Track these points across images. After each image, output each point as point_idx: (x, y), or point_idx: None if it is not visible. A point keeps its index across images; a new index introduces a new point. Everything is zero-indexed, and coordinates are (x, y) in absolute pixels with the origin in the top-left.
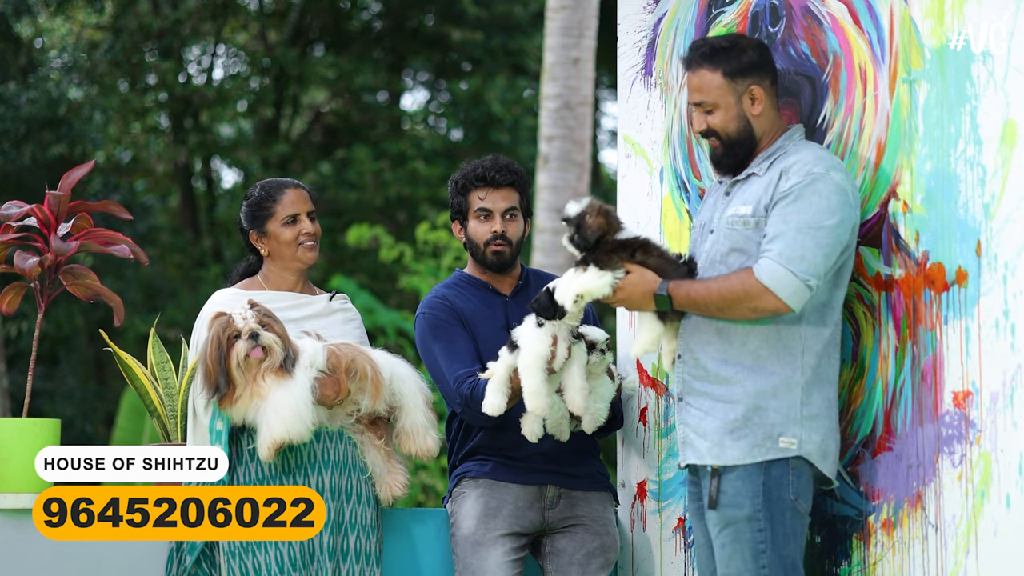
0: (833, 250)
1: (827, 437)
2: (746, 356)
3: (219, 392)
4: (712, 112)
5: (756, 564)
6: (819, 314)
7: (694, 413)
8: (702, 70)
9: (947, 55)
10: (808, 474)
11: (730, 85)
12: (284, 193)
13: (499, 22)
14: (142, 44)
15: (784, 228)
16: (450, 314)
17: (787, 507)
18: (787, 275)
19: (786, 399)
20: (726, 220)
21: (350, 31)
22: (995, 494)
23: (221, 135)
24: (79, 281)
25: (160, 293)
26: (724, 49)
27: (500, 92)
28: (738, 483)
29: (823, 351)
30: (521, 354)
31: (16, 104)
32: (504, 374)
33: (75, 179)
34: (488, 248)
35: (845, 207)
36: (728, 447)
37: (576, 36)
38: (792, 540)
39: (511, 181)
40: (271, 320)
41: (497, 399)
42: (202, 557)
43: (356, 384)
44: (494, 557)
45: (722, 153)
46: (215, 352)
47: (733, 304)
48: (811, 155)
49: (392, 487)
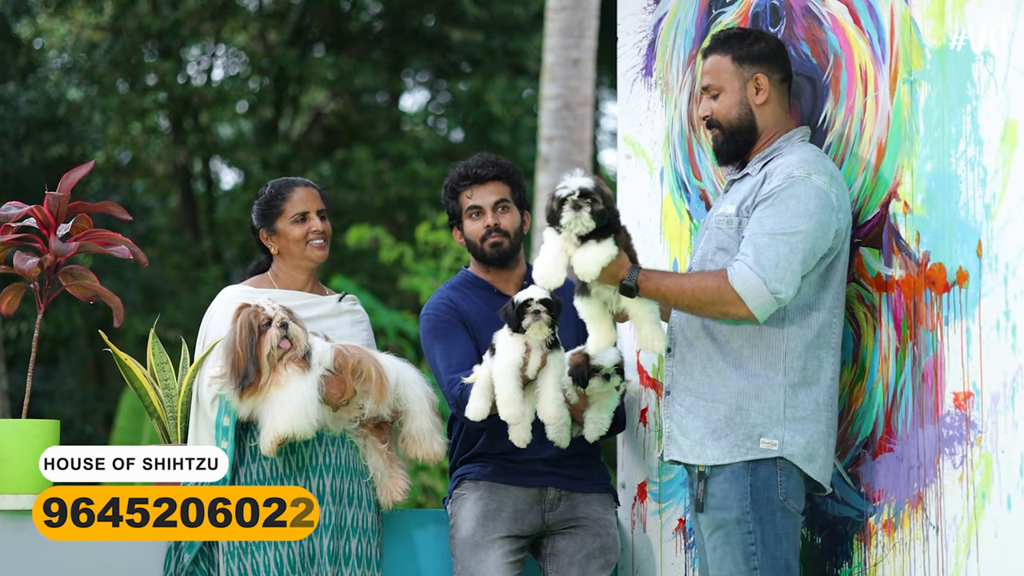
0: (810, 255)
1: (814, 440)
2: (730, 354)
3: (247, 380)
4: (717, 96)
5: (748, 566)
6: (802, 316)
7: (678, 409)
8: (714, 55)
9: (948, 55)
10: (798, 474)
11: (737, 70)
12: (294, 191)
13: (499, 22)
14: (141, 45)
15: (759, 231)
16: (453, 315)
17: (776, 508)
18: (759, 284)
19: (768, 400)
20: (714, 219)
21: (350, 31)
22: (996, 495)
23: (221, 136)
24: (78, 282)
25: (160, 294)
26: (738, 36)
27: (500, 92)
28: (725, 485)
29: (808, 352)
30: (495, 362)
31: (16, 105)
32: (487, 379)
33: (74, 180)
34: (485, 243)
35: (824, 210)
36: (709, 447)
37: (576, 36)
38: (784, 540)
39: (496, 174)
40: (293, 314)
41: (480, 403)
42: (200, 556)
43: (361, 385)
44: (493, 559)
45: (722, 141)
46: (246, 339)
47: (705, 306)
48: (797, 158)
49: (393, 492)
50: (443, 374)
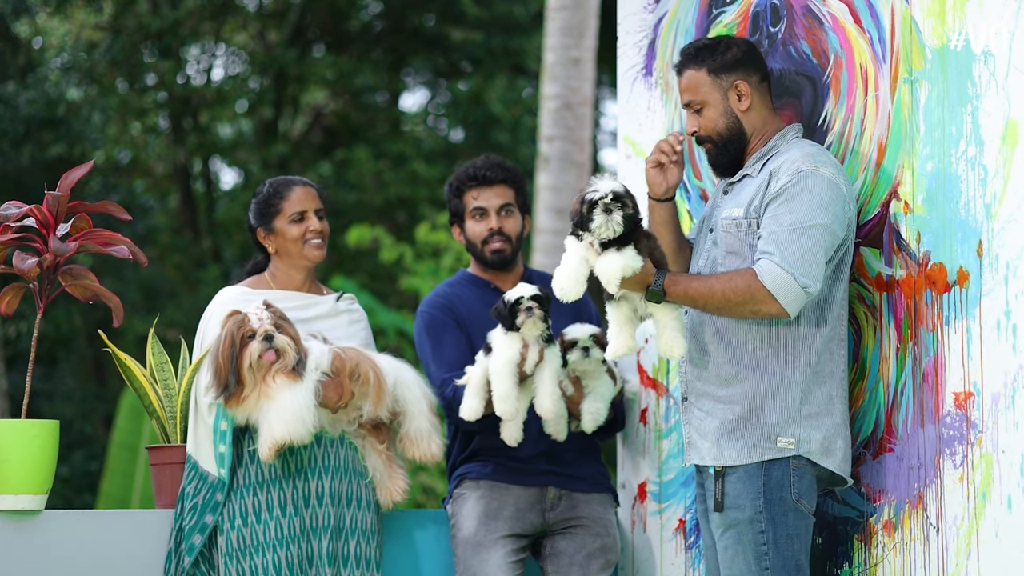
0: (830, 247)
1: (831, 434)
2: (746, 356)
3: (227, 391)
4: (701, 111)
5: (759, 566)
6: (819, 312)
7: (696, 414)
8: (688, 70)
9: (948, 55)
10: (811, 474)
11: (715, 81)
12: (292, 190)
13: (499, 22)
14: (141, 44)
15: (778, 229)
16: (447, 314)
17: (789, 508)
18: (789, 280)
19: (784, 398)
20: (721, 222)
21: (350, 31)
22: (996, 495)
23: (220, 135)
24: (78, 282)
25: (159, 294)
26: (707, 47)
27: (500, 92)
28: (739, 485)
29: (823, 348)
30: (492, 359)
31: (15, 104)
32: (481, 378)
33: (74, 179)
34: (487, 246)
35: (838, 201)
36: (726, 448)
37: (576, 36)
38: (796, 541)
39: (503, 178)
40: (285, 322)
41: (474, 403)
42: (200, 558)
43: (359, 388)
44: (495, 559)
45: (716, 154)
46: (227, 350)
47: (736, 305)
48: (799, 152)
49: (392, 492)
50: (434, 373)
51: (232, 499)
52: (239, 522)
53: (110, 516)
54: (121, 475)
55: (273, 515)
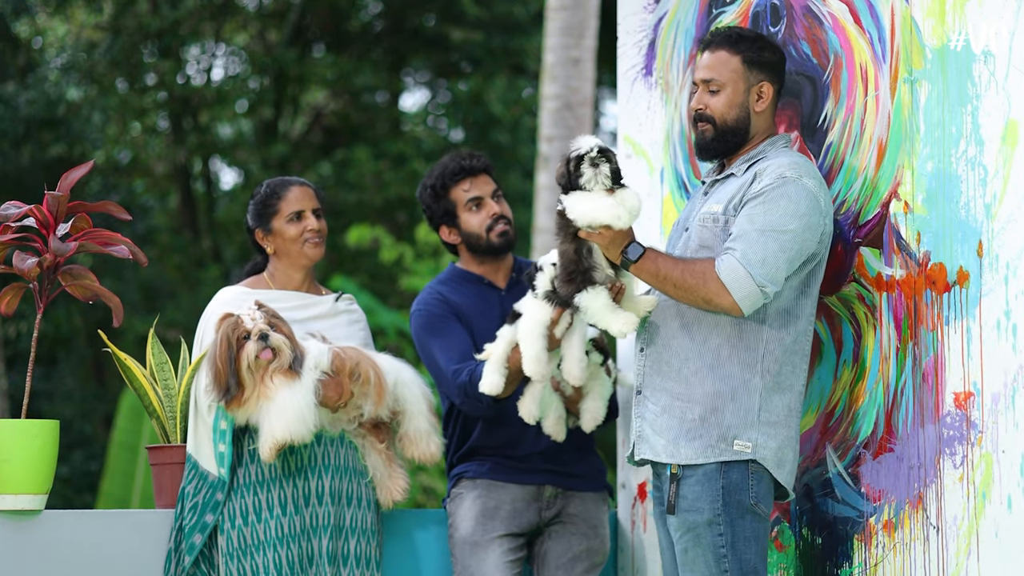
0: (797, 255)
1: (784, 445)
2: (707, 354)
3: (228, 394)
4: (717, 93)
5: (719, 568)
6: (782, 320)
7: (651, 408)
8: (721, 51)
9: (948, 55)
10: (768, 478)
11: (746, 72)
12: (289, 190)
13: (499, 22)
14: (141, 44)
15: (749, 228)
16: (446, 309)
17: (747, 511)
18: (746, 277)
19: (744, 402)
20: (699, 217)
21: (350, 31)
22: (996, 495)
23: (220, 135)
24: (78, 282)
25: (159, 294)
26: (750, 39)
27: (500, 92)
28: (697, 487)
29: (784, 357)
30: (522, 321)
31: (15, 104)
32: (503, 352)
33: (74, 179)
34: (492, 232)
35: (813, 213)
36: (683, 447)
37: (576, 36)
38: (753, 543)
39: (485, 166)
40: (279, 321)
41: (495, 378)
42: (201, 558)
43: (359, 388)
44: (492, 558)
45: (711, 137)
46: (225, 353)
47: (691, 289)
48: (787, 160)
49: (392, 491)
50: (444, 367)
51: (232, 498)
52: (239, 521)
53: (110, 516)
54: (121, 475)
55: (273, 514)
